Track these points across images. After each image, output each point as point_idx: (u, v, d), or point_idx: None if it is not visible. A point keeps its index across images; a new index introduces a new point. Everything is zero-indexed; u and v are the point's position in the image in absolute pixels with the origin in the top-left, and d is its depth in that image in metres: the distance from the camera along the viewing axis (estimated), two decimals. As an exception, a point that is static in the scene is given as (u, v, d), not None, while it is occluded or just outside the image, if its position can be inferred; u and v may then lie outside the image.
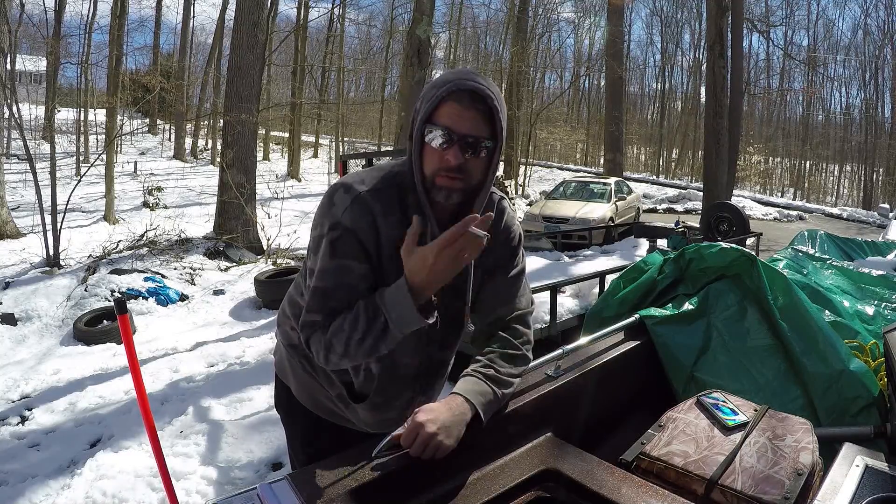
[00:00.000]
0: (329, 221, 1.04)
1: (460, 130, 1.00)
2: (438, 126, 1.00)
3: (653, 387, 1.95)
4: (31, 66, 21.56)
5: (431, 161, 1.02)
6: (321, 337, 1.06)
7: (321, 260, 1.05)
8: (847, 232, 10.74)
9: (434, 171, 1.02)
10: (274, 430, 3.08)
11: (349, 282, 1.05)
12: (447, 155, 1.00)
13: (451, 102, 1.00)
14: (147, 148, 22.30)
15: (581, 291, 4.50)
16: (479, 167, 1.04)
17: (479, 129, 1.01)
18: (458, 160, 1.00)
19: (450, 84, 0.99)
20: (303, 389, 1.29)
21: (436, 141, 1.01)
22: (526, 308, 1.25)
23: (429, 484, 1.04)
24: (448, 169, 1.01)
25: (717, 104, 10.31)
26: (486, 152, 1.03)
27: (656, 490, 1.08)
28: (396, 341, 1.05)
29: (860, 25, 29.37)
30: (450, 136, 1.00)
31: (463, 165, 1.01)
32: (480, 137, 1.01)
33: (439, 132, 1.00)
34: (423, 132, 1.02)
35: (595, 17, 26.78)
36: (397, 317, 1.01)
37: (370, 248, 1.05)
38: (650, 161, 32.21)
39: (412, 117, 1.07)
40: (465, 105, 0.99)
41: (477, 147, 1.01)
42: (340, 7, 22.15)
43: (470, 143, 1.00)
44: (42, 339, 4.97)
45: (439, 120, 1.01)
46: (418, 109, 1.03)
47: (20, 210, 9.08)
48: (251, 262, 7.14)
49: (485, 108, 1.00)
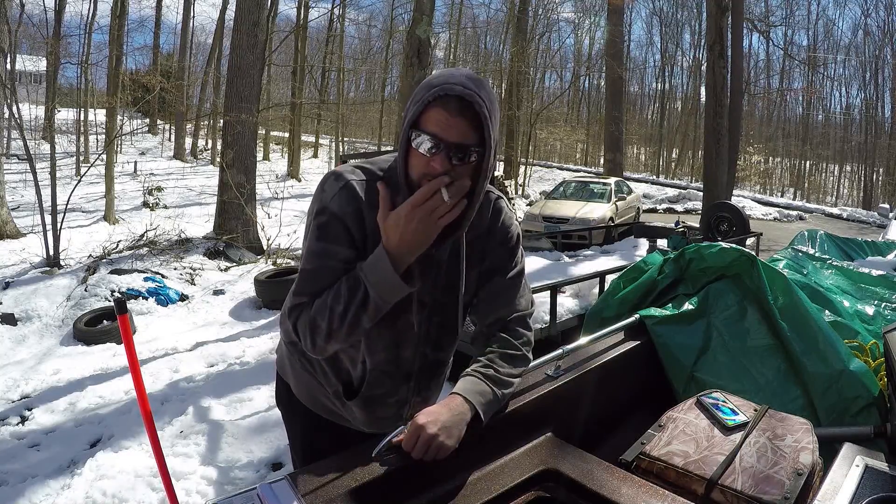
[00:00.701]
0: (318, 206, 1.06)
1: (447, 139, 0.97)
2: (425, 132, 0.98)
3: (653, 387, 1.96)
4: (31, 66, 21.54)
5: (417, 165, 1.01)
6: (306, 318, 1.05)
7: (309, 243, 1.07)
8: (847, 232, 10.73)
9: (420, 177, 1.01)
10: (274, 430, 3.08)
11: (334, 265, 1.05)
12: (433, 162, 0.98)
13: (438, 108, 0.97)
14: (147, 148, 22.30)
15: (581, 291, 4.50)
16: (467, 173, 1.02)
17: (467, 136, 0.98)
18: (443, 167, 0.98)
19: (437, 88, 0.96)
20: (302, 387, 1.29)
21: (422, 147, 0.99)
22: (526, 309, 1.25)
23: (429, 484, 1.04)
24: (433, 176, 0.99)
25: (717, 104, 10.30)
26: (476, 157, 1.01)
27: (656, 490, 1.08)
28: (380, 312, 1.03)
29: (860, 25, 29.36)
30: (437, 143, 0.97)
31: (449, 173, 0.99)
32: (468, 145, 0.98)
33: (426, 138, 0.98)
34: (409, 136, 1.00)
35: (595, 17, 26.79)
36: (376, 281, 1.00)
37: (356, 234, 1.06)
38: (650, 161, 32.20)
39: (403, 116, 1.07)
40: (453, 112, 0.97)
41: (464, 155, 0.99)
42: (340, 7, 22.17)
43: (456, 152, 0.98)
44: (42, 339, 4.97)
45: (426, 126, 0.98)
46: (407, 111, 1.02)
47: (20, 210, 9.07)
48: (251, 262, 7.14)
49: (473, 115, 0.97)
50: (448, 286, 1.16)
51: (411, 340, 1.18)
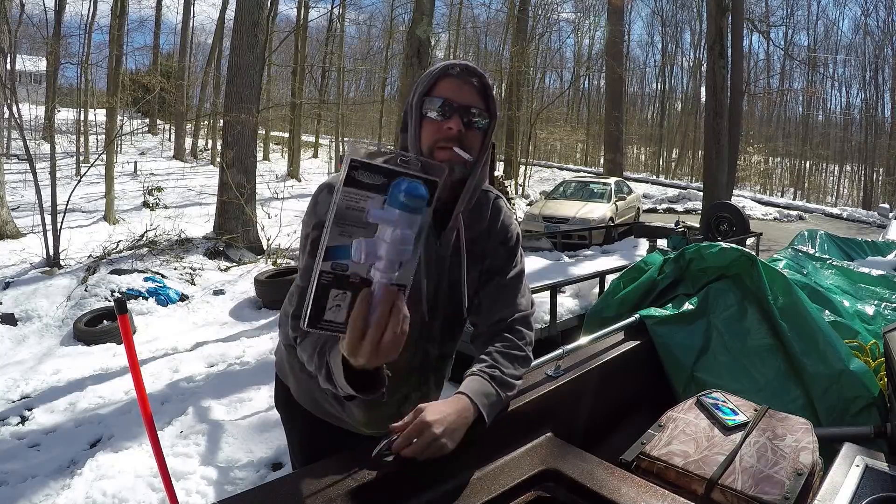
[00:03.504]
0: (313, 221, 1.08)
1: (459, 100, 1.05)
2: (437, 97, 1.06)
3: (653, 387, 1.95)
4: (31, 66, 21.53)
5: (430, 133, 1.06)
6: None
7: (303, 259, 1.09)
8: (847, 232, 10.74)
9: (433, 143, 1.06)
10: (274, 430, 3.08)
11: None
12: (448, 124, 1.04)
13: (447, 78, 1.07)
14: (147, 148, 22.28)
15: (581, 291, 4.50)
16: (476, 142, 1.08)
17: (476, 100, 1.07)
18: (458, 127, 1.04)
19: (443, 65, 1.07)
20: (301, 389, 1.29)
21: (435, 112, 1.05)
22: (527, 310, 1.25)
23: (429, 484, 1.04)
24: (448, 139, 1.04)
25: (717, 104, 10.31)
26: (483, 125, 1.08)
27: (656, 490, 1.08)
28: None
29: (860, 25, 29.33)
30: (449, 105, 1.05)
31: (462, 136, 1.05)
32: (478, 108, 1.07)
33: (438, 103, 1.05)
34: (422, 106, 1.07)
35: (595, 17, 26.80)
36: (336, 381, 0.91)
37: None
38: (650, 161, 32.21)
39: (405, 109, 1.11)
40: (461, 79, 1.06)
41: (475, 117, 1.06)
42: (340, 7, 22.18)
43: (469, 113, 1.05)
44: (42, 340, 4.97)
45: (437, 92, 1.06)
46: (415, 93, 1.08)
47: (20, 210, 9.07)
48: (251, 262, 7.14)
49: (479, 84, 1.07)
50: (451, 284, 1.17)
51: (414, 338, 1.18)
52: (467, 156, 1.05)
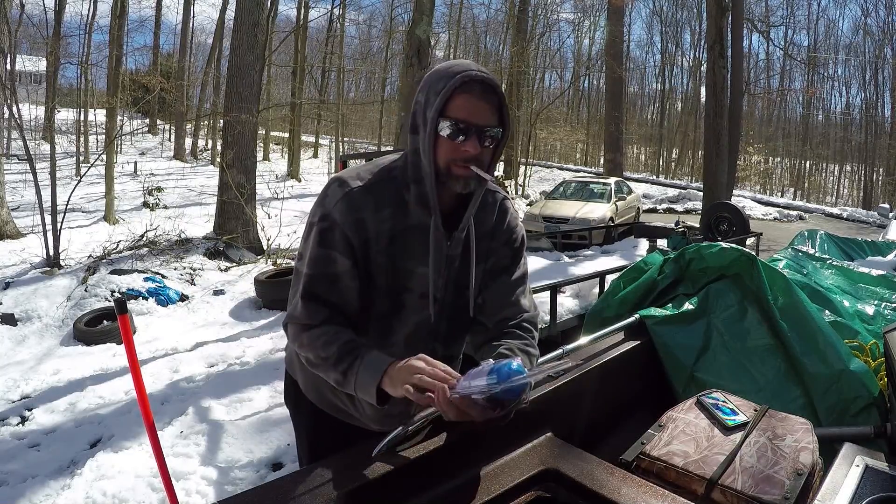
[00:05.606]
0: (321, 212, 1.09)
1: (478, 122, 1.04)
2: (455, 119, 1.03)
3: (653, 387, 1.96)
4: (31, 66, 21.55)
5: (446, 151, 1.06)
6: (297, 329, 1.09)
7: (310, 248, 1.10)
8: (847, 232, 10.73)
9: (449, 161, 1.06)
10: (274, 430, 3.08)
11: (333, 271, 1.08)
12: (465, 147, 1.04)
13: (464, 94, 1.03)
14: (147, 148, 22.27)
15: (581, 291, 4.49)
16: (490, 156, 1.10)
17: (492, 119, 1.06)
18: (477, 151, 1.04)
19: (460, 76, 1.02)
20: (309, 384, 1.30)
21: (454, 134, 1.04)
22: (531, 310, 1.26)
23: (429, 484, 1.04)
24: (466, 159, 1.04)
25: (717, 104, 10.31)
26: (497, 140, 1.09)
27: (656, 490, 1.08)
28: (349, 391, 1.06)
29: (860, 25, 29.32)
30: (468, 128, 1.03)
31: (479, 154, 1.05)
32: (494, 127, 1.06)
33: (458, 125, 1.03)
34: (437, 125, 1.05)
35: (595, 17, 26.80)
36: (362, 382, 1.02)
37: (356, 243, 1.08)
38: (650, 161, 32.19)
39: (414, 109, 1.10)
40: (478, 96, 1.03)
41: (492, 138, 1.06)
42: (340, 7, 22.15)
43: (485, 133, 1.05)
44: (42, 340, 4.97)
45: (455, 112, 1.03)
46: (428, 101, 1.06)
47: (20, 210, 9.07)
48: (251, 263, 7.14)
49: (495, 99, 1.05)
50: (459, 283, 1.18)
51: (423, 337, 1.19)
52: (489, 177, 1.06)
